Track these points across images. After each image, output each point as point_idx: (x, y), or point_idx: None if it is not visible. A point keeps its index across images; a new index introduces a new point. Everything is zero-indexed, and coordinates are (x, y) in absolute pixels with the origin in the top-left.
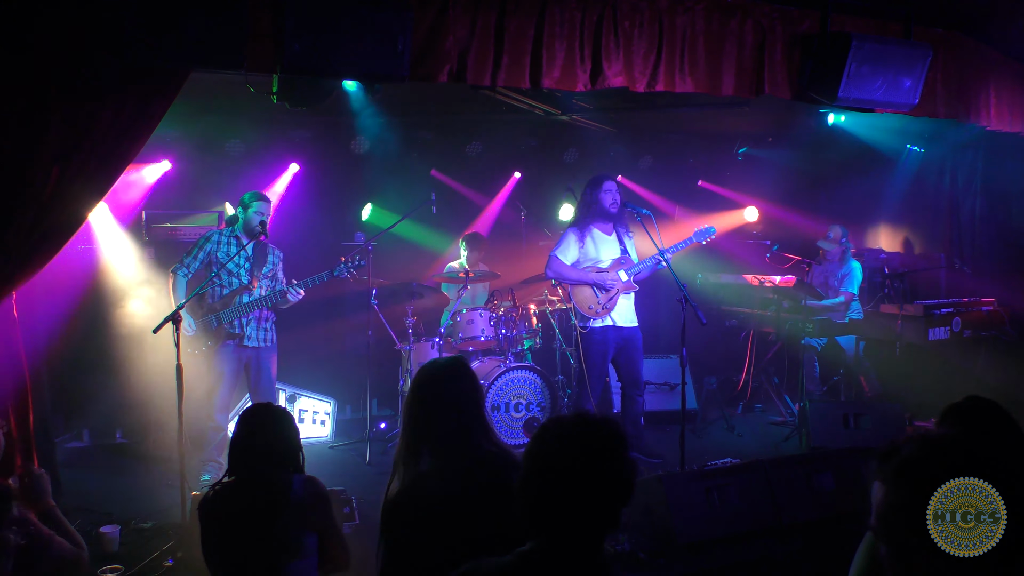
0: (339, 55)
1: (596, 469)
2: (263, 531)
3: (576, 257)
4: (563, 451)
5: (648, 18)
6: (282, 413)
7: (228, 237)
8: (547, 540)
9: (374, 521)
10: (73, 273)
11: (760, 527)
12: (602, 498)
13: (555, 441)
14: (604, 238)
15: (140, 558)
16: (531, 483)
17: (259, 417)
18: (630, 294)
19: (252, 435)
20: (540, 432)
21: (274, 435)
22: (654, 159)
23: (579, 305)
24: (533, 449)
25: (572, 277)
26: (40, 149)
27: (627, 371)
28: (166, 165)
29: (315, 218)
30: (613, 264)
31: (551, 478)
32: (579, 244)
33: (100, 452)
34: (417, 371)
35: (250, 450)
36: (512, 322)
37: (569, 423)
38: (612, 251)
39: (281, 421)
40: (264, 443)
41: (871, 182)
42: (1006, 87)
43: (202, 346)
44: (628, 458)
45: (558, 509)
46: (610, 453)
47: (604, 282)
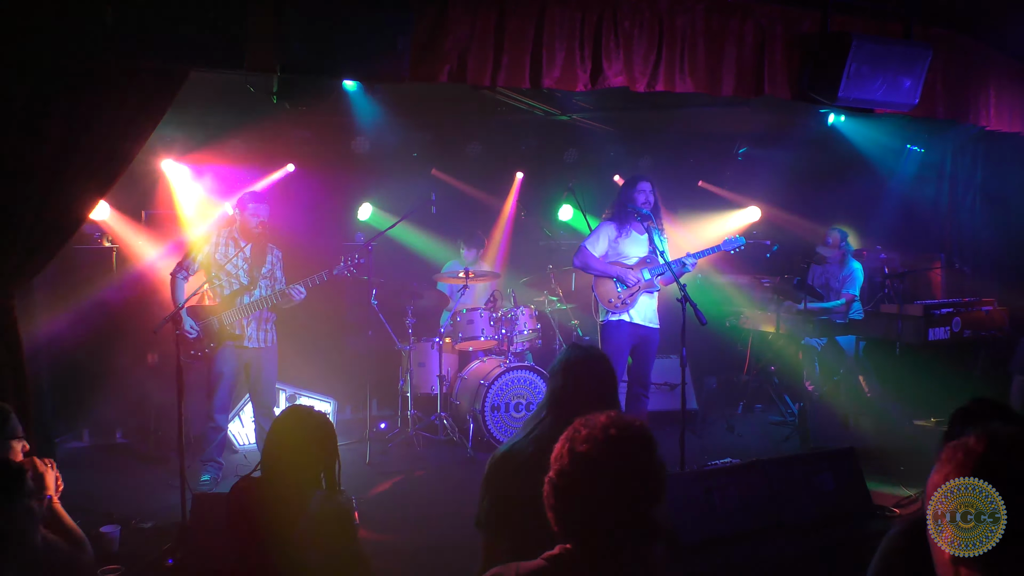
0: (339, 55)
1: (628, 471)
2: (267, 539)
3: (605, 250)
4: (595, 453)
5: (648, 18)
6: (320, 423)
7: (226, 238)
8: (577, 544)
9: (374, 521)
10: (74, 273)
11: (760, 527)
12: (632, 500)
13: (588, 443)
14: (636, 236)
15: (140, 558)
16: (565, 487)
17: (295, 421)
18: (653, 293)
19: (283, 436)
20: (570, 434)
21: (306, 442)
22: (653, 159)
23: (600, 297)
24: (566, 452)
25: (597, 268)
26: (41, 148)
27: (637, 369)
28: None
29: (315, 218)
30: (639, 262)
31: (583, 481)
32: (612, 238)
33: (100, 452)
34: (568, 348)
35: (279, 451)
36: (512, 322)
37: (599, 425)
38: (640, 250)
39: (318, 429)
40: (293, 448)
41: (871, 182)
42: (1006, 87)
43: (204, 347)
44: (658, 458)
45: (591, 512)
46: (641, 454)
47: (626, 277)
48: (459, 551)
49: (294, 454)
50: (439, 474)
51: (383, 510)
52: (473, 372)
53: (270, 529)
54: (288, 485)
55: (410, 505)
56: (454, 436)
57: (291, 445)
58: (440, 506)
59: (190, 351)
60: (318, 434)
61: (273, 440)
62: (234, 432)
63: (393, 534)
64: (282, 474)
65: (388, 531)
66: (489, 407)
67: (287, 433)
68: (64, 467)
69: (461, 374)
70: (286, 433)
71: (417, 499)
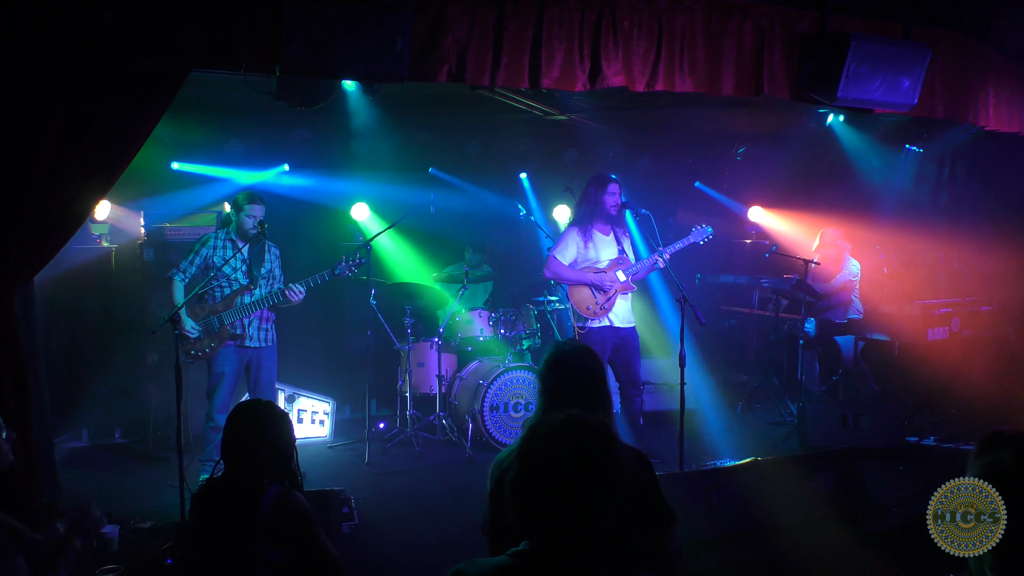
0: (338, 55)
1: (585, 468)
2: (229, 538)
3: (574, 257)
4: (552, 451)
5: (647, 18)
6: (272, 413)
7: (224, 240)
8: (541, 540)
9: (373, 521)
10: (74, 272)
11: (759, 527)
12: (588, 497)
13: (544, 441)
14: (603, 239)
15: (140, 558)
16: (522, 483)
17: (247, 415)
18: (628, 295)
19: (236, 433)
20: (530, 432)
21: (260, 436)
22: (653, 159)
23: (577, 306)
24: (523, 449)
25: (570, 277)
26: (40, 148)
27: (625, 371)
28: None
29: (314, 218)
30: (611, 264)
31: (541, 478)
32: (578, 244)
33: (99, 452)
34: (551, 347)
35: (234, 448)
36: (511, 322)
37: (558, 422)
38: (610, 252)
39: (269, 422)
40: (249, 443)
41: (870, 182)
42: (1005, 87)
43: (205, 347)
44: (617, 456)
45: (550, 509)
46: (598, 451)
47: (602, 283)
48: (458, 551)
49: (236, 448)
50: (438, 474)
51: (382, 510)
52: (472, 372)
53: (226, 527)
54: (238, 481)
55: (409, 505)
56: (453, 436)
57: (233, 440)
58: (439, 506)
59: (190, 351)
60: (256, 426)
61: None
62: None
63: (392, 534)
64: (234, 469)
65: (387, 531)
66: (488, 407)
67: (228, 429)
68: (63, 467)
69: (460, 374)
70: (228, 429)
71: (416, 499)
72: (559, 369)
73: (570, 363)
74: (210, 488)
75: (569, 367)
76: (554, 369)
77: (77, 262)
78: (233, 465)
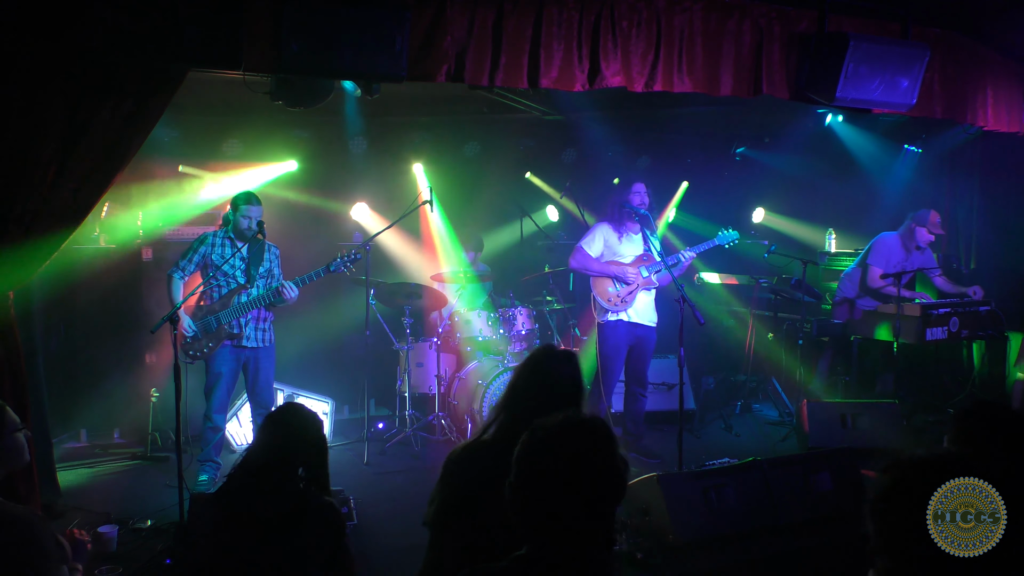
0: (337, 55)
1: (584, 470)
2: (257, 539)
3: (601, 251)
4: (550, 453)
5: (646, 18)
6: (311, 418)
7: (222, 239)
8: (541, 544)
9: (372, 521)
10: (73, 272)
11: (758, 527)
12: (593, 499)
13: (541, 443)
14: (631, 236)
15: (138, 558)
16: (521, 487)
17: (290, 415)
18: (650, 291)
19: (277, 437)
20: (528, 435)
21: (303, 440)
22: (652, 159)
23: (599, 296)
24: (521, 452)
25: (595, 269)
26: (39, 148)
27: (634, 368)
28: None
29: (313, 218)
30: (635, 260)
31: (540, 481)
32: (608, 238)
33: (98, 452)
34: (536, 348)
35: (272, 452)
36: (510, 322)
37: (555, 424)
38: (636, 249)
39: (312, 426)
40: (290, 446)
41: (869, 182)
42: (1003, 87)
43: (203, 348)
44: (618, 456)
45: (549, 512)
46: (598, 453)
47: (625, 276)
48: None
49: (271, 452)
50: (437, 474)
51: (381, 510)
52: (471, 372)
53: (254, 528)
54: (270, 483)
55: (408, 505)
56: (452, 436)
57: (269, 443)
58: None
59: (188, 351)
60: (298, 431)
61: (256, 438)
62: (232, 432)
63: (391, 534)
64: (265, 472)
65: (386, 531)
66: (487, 407)
67: (265, 431)
68: (62, 467)
69: (459, 374)
70: (265, 431)
71: (415, 499)
72: (533, 371)
73: (548, 366)
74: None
75: (544, 373)
76: (533, 369)
77: (76, 262)
78: (268, 467)
